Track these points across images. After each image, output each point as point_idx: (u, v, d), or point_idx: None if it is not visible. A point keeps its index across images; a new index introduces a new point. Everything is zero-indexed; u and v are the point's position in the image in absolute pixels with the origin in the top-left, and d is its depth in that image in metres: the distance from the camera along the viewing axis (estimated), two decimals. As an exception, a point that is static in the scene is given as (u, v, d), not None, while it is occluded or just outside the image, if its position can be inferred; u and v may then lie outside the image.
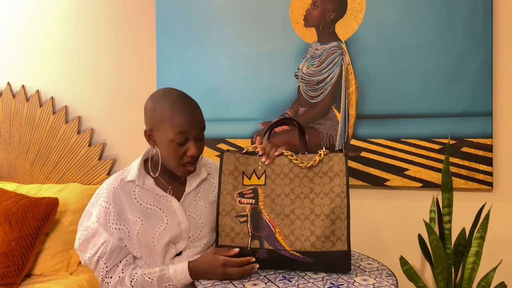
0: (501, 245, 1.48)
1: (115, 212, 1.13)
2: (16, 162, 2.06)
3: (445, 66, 1.49)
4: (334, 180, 1.08)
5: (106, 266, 1.11)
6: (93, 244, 1.12)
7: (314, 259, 1.05)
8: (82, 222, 1.17)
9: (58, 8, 2.04)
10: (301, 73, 1.65)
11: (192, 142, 1.10)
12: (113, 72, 1.96)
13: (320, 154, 1.10)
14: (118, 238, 1.12)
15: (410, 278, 1.34)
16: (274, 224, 1.07)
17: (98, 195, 1.18)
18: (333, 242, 1.04)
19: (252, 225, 1.08)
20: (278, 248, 1.06)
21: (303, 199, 1.09)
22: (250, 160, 1.15)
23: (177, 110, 1.08)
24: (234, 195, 1.11)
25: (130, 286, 1.10)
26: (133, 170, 1.18)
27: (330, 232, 1.04)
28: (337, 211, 1.06)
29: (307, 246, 1.04)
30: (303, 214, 1.07)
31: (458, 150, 1.49)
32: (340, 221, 1.05)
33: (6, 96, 2.09)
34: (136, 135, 1.92)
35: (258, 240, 1.07)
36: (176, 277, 1.09)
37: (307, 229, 1.06)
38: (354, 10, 1.59)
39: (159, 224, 1.14)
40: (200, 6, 1.78)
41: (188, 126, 1.08)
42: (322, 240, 1.04)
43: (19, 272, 1.50)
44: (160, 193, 1.16)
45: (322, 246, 1.04)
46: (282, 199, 1.10)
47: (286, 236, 1.06)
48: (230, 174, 1.13)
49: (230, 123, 1.73)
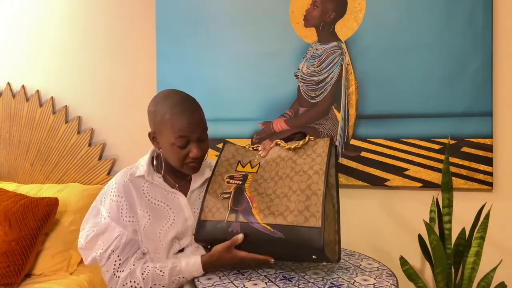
0: (501, 245, 1.48)
1: (127, 205, 1.14)
2: (16, 162, 2.06)
3: (445, 66, 1.49)
4: (316, 159, 1.07)
5: (119, 259, 1.11)
6: (105, 239, 1.11)
7: (285, 234, 0.99)
8: (89, 220, 1.16)
9: (58, 8, 2.04)
10: (301, 73, 1.65)
11: (194, 144, 1.11)
12: (113, 72, 1.96)
13: (305, 139, 1.12)
14: (133, 231, 1.13)
15: (410, 278, 1.34)
16: (253, 200, 1.07)
17: (106, 191, 1.18)
18: (306, 218, 0.99)
19: (233, 201, 1.08)
20: (251, 221, 1.03)
21: (285, 179, 1.08)
22: (249, 153, 1.19)
23: (177, 114, 1.08)
24: (225, 177, 1.14)
25: (141, 278, 1.09)
26: (141, 166, 1.19)
27: (304, 207, 1.00)
28: (313, 187, 1.02)
29: (279, 220, 1.01)
30: (283, 192, 1.06)
31: (458, 150, 1.49)
32: (316, 197, 1.00)
33: (6, 96, 2.09)
34: (136, 135, 1.92)
35: (235, 214, 1.06)
36: (188, 270, 1.09)
37: (283, 205, 1.03)
38: (354, 10, 1.59)
39: (166, 220, 1.15)
40: (200, 6, 1.78)
41: (188, 130, 1.09)
42: (294, 214, 1.00)
43: (19, 272, 1.50)
44: (168, 189, 1.18)
45: (294, 220, 0.99)
46: (267, 183, 1.10)
47: (262, 210, 1.04)
48: (226, 160, 1.18)
49: (230, 123, 1.73)
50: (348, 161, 1.60)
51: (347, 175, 1.60)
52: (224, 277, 1.07)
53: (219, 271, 1.11)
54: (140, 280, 1.09)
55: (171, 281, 1.10)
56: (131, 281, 1.09)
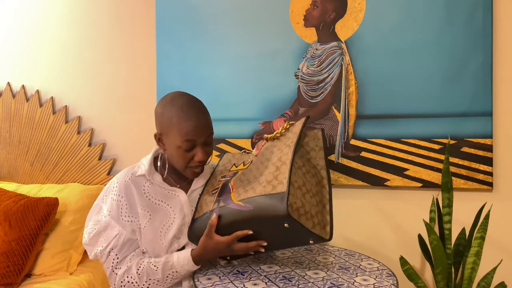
0: (501, 245, 1.48)
1: (127, 204, 1.16)
2: (16, 162, 2.06)
3: (445, 66, 1.49)
4: (290, 137, 1.10)
5: (117, 257, 1.13)
6: (105, 237, 1.14)
7: (254, 205, 0.98)
8: (92, 217, 1.19)
9: (58, 8, 2.04)
10: (301, 73, 1.65)
11: (199, 147, 1.11)
12: (113, 72, 1.96)
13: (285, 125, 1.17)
14: (131, 230, 1.15)
15: (410, 278, 1.34)
16: (234, 186, 1.08)
17: (108, 189, 1.20)
18: (274, 186, 0.98)
19: (219, 193, 1.10)
20: (228, 204, 1.04)
21: (264, 162, 1.10)
22: (244, 156, 1.25)
23: (184, 118, 1.09)
24: (219, 178, 1.18)
25: (137, 274, 1.11)
26: (143, 165, 1.21)
27: (272, 177, 1.00)
28: (283, 158, 1.03)
29: (249, 194, 1.01)
30: (260, 173, 1.07)
31: (458, 150, 1.49)
32: (285, 166, 1.00)
33: (6, 96, 2.09)
34: (136, 135, 1.92)
35: (217, 202, 1.07)
36: (180, 264, 1.11)
37: (256, 182, 1.04)
38: (354, 10, 1.59)
39: (166, 220, 1.17)
40: (200, 6, 1.78)
41: (195, 134, 1.09)
42: (263, 185, 1.00)
43: (19, 272, 1.50)
44: (168, 188, 1.20)
45: (262, 190, 0.99)
46: (251, 172, 1.12)
47: (238, 192, 1.05)
48: (223, 165, 1.24)
49: (230, 123, 1.73)
50: (348, 161, 1.60)
51: (347, 175, 1.60)
52: (224, 277, 1.07)
53: (219, 271, 1.11)
54: (135, 276, 1.11)
55: (164, 276, 1.11)
56: (128, 277, 1.12)
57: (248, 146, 1.72)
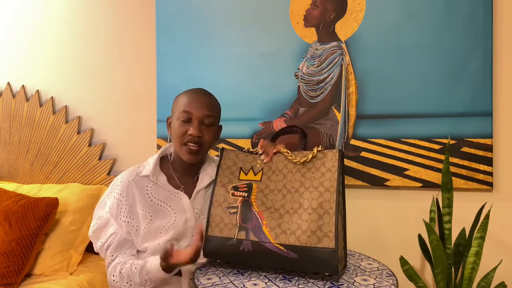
0: (501, 245, 1.48)
1: (127, 205, 1.18)
2: (16, 162, 2.06)
3: (445, 66, 1.49)
4: (326, 175, 1.05)
5: (111, 255, 1.17)
6: (104, 233, 1.18)
7: (299, 254, 0.99)
8: (97, 211, 1.23)
9: (58, 8, 2.04)
10: (301, 73, 1.65)
11: (195, 122, 1.14)
12: (113, 72, 1.96)
13: (314, 151, 1.09)
14: (126, 231, 1.18)
15: (410, 278, 1.34)
16: (262, 217, 1.05)
17: (113, 186, 1.23)
18: (319, 238, 0.98)
19: (241, 217, 1.07)
20: (263, 240, 1.03)
21: (294, 193, 1.07)
22: (249, 158, 1.17)
23: (188, 94, 1.17)
24: (228, 188, 1.12)
25: (119, 274, 1.14)
26: (148, 165, 1.22)
27: (316, 227, 0.99)
28: (325, 206, 1.01)
29: (292, 240, 1.00)
30: (292, 208, 1.05)
31: (458, 150, 1.49)
32: (328, 216, 1.00)
33: (6, 96, 2.09)
34: (136, 135, 1.92)
35: (245, 231, 1.05)
36: (152, 270, 1.11)
37: (294, 223, 1.02)
38: (354, 10, 1.59)
39: (166, 220, 1.17)
40: (200, 6, 1.78)
41: (192, 106, 1.14)
42: (307, 235, 0.99)
43: (19, 272, 1.50)
44: (172, 190, 1.20)
45: (308, 241, 0.99)
46: (274, 194, 1.09)
47: (272, 228, 1.03)
48: (228, 168, 1.16)
49: (230, 123, 1.73)
50: (348, 161, 1.60)
51: (347, 175, 1.60)
52: (224, 277, 1.07)
53: (219, 271, 1.11)
54: (118, 275, 1.14)
55: (142, 280, 1.12)
56: (114, 276, 1.15)
57: (248, 146, 1.72)
